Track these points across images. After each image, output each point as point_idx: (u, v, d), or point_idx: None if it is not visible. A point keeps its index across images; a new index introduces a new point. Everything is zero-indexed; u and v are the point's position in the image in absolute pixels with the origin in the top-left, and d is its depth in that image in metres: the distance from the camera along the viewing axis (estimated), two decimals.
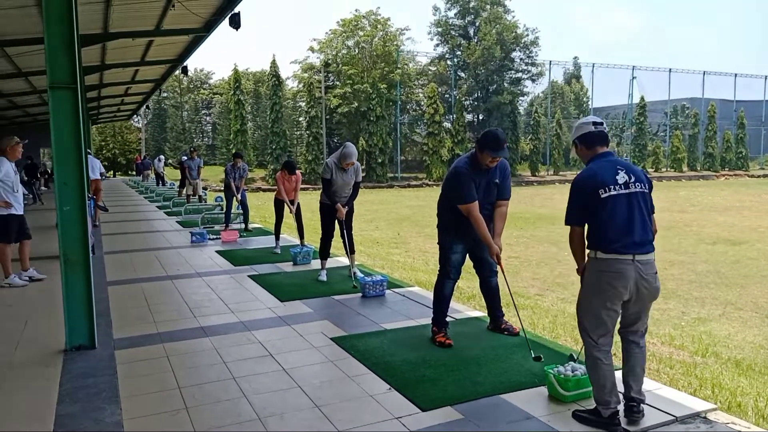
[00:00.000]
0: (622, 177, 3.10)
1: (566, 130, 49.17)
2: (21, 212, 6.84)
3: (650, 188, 3.21)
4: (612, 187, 3.07)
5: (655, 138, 53.64)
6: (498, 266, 4.51)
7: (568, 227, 3.25)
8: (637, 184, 3.12)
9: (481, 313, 5.37)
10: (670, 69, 51.41)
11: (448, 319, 4.70)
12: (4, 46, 10.22)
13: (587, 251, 3.20)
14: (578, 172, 3.35)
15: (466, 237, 4.48)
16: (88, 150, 13.12)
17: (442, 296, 4.62)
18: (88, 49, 10.49)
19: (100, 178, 12.33)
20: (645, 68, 51.17)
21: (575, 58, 67.54)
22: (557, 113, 49.93)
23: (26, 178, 17.51)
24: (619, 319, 3.21)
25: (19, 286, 6.69)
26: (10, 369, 4.12)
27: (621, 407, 3.16)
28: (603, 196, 3.06)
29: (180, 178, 18.41)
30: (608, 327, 3.14)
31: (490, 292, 4.80)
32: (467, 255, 4.67)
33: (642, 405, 3.20)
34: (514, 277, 8.71)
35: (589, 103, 55.91)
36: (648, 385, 3.63)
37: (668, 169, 50.40)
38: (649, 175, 3.30)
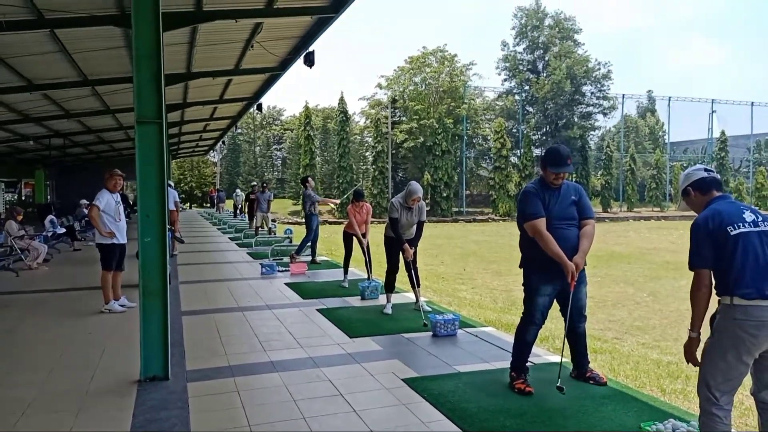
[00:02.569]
0: (749, 216, 2.85)
1: (641, 165, 47.49)
2: (123, 241, 7.17)
3: None
4: (740, 224, 2.82)
5: (738, 174, 50.83)
6: (570, 283, 4.06)
7: (691, 272, 2.95)
8: (765, 223, 2.86)
9: (558, 357, 5.05)
10: (752, 102, 48.91)
11: (527, 364, 4.42)
12: (95, 85, 10.93)
13: (717, 298, 2.90)
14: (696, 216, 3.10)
15: (555, 279, 4.14)
16: (169, 181, 13.76)
17: (525, 342, 4.31)
18: (171, 87, 11.07)
19: (175, 209, 12.83)
20: (725, 102, 48.97)
21: (649, 91, 65.64)
22: (630, 148, 48.35)
23: None
24: (752, 382, 2.91)
25: (118, 311, 6.98)
26: (86, 397, 4.19)
27: None
28: (733, 233, 2.81)
29: (248, 211, 18.94)
30: (735, 384, 2.83)
31: (578, 339, 4.45)
32: (555, 297, 4.33)
33: None
34: (589, 319, 8.23)
35: (666, 137, 53.87)
36: None
37: (753, 206, 47.44)
38: None
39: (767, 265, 2.77)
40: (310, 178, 11.79)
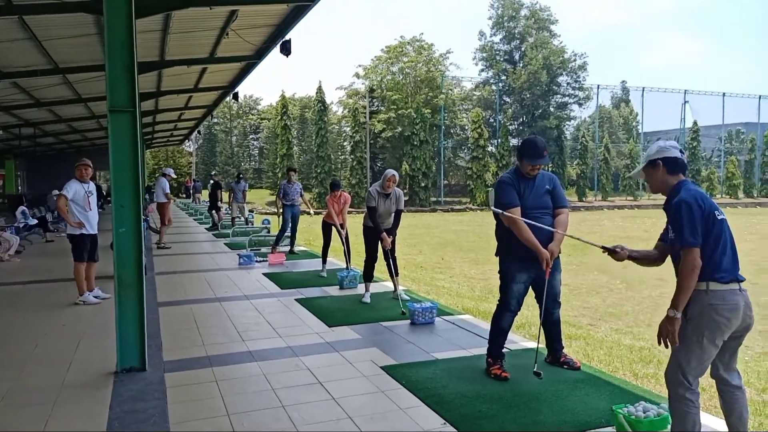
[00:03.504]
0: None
1: (615, 154, 48.15)
2: (94, 232, 7.03)
3: None
4: (718, 211, 2.88)
5: (710, 164, 51.90)
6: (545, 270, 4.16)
7: (687, 250, 2.83)
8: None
9: (534, 343, 5.14)
10: (723, 93, 49.89)
11: (503, 350, 4.49)
12: (66, 73, 10.68)
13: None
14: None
15: (530, 266, 4.22)
16: (166, 170, 13.61)
17: (500, 329, 4.38)
18: (145, 75, 10.86)
19: (166, 200, 12.68)
20: (697, 92, 49.87)
21: (623, 82, 66.43)
22: (605, 138, 48.98)
23: None
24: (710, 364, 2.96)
25: (92, 303, 6.87)
26: (62, 390, 4.14)
27: None
28: (719, 218, 2.86)
29: (210, 201, 18.10)
30: (705, 366, 2.89)
31: (553, 325, 4.54)
32: (530, 285, 4.41)
33: None
34: (564, 305, 8.36)
35: (639, 127, 54.70)
36: (709, 421, 3.39)
37: (723, 195, 48.54)
38: None
39: (734, 252, 2.87)
40: (292, 172, 11.66)
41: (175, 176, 16.71)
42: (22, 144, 21.12)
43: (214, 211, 17.62)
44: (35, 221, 14.18)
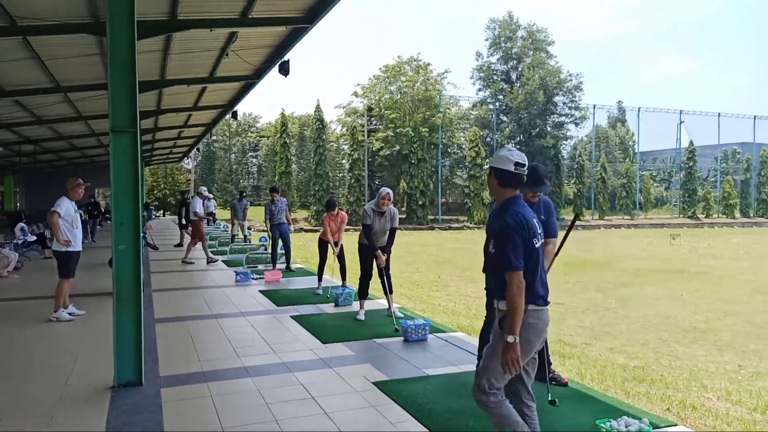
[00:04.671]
0: (539, 226, 3.02)
1: (611, 174, 48.43)
2: (79, 248, 7.13)
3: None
4: (538, 237, 3.00)
5: (705, 183, 52.25)
6: None
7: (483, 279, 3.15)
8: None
9: None
10: (719, 113, 50.43)
11: None
12: (67, 92, 10.86)
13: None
14: (494, 212, 3.17)
15: None
16: (202, 188, 13.75)
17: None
18: (145, 94, 11.04)
19: (198, 219, 12.81)
20: (693, 112, 50.44)
21: (619, 102, 67.22)
22: (602, 157, 49.35)
23: (85, 217, 18.25)
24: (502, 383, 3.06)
25: (65, 320, 6.93)
26: (60, 403, 4.21)
27: None
28: (537, 245, 2.97)
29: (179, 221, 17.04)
30: (508, 377, 3.00)
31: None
32: None
33: None
34: (559, 324, 8.47)
35: (635, 147, 55.12)
36: None
37: (720, 215, 48.76)
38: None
39: (543, 276, 3.03)
40: (275, 192, 11.80)
41: (210, 195, 16.69)
42: (22, 160, 21.29)
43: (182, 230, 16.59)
44: (34, 238, 14.25)
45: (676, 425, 3.18)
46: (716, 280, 13.81)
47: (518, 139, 50.39)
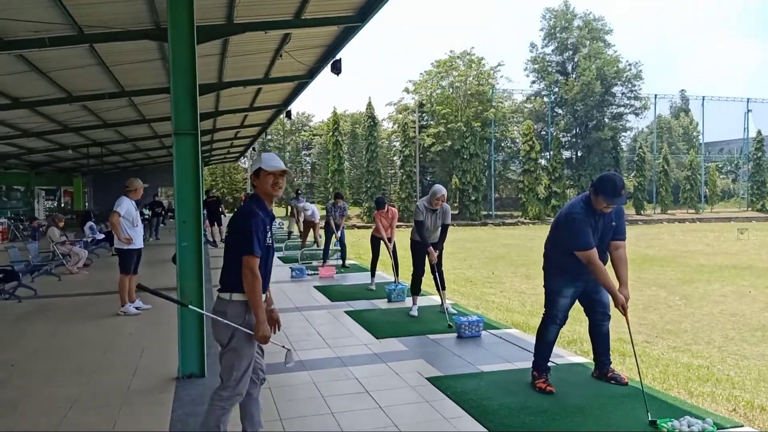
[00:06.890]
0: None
1: (674, 166, 46.55)
2: (140, 246, 7.47)
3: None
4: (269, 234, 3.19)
5: None
6: (624, 316, 4.16)
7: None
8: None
9: (585, 359, 5.12)
10: None
11: (549, 364, 4.51)
12: (131, 96, 11.36)
13: (232, 294, 3.13)
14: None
15: (578, 280, 4.25)
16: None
17: (546, 341, 4.43)
18: (204, 97, 11.41)
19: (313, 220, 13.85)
20: (761, 101, 47.64)
21: (682, 90, 64.28)
22: (664, 149, 47.42)
23: (148, 215, 19.03)
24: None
25: (132, 314, 7.27)
26: (128, 394, 4.44)
27: None
28: (268, 243, 3.16)
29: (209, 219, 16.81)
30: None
31: (601, 338, 4.55)
32: (577, 298, 4.43)
33: None
34: (620, 322, 8.20)
35: (700, 137, 52.69)
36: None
37: None
38: None
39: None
40: (339, 198, 12.15)
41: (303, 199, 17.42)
42: (90, 162, 22.38)
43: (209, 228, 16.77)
44: (102, 236, 14.98)
45: (742, 426, 3.05)
46: None
47: (574, 131, 49.02)
